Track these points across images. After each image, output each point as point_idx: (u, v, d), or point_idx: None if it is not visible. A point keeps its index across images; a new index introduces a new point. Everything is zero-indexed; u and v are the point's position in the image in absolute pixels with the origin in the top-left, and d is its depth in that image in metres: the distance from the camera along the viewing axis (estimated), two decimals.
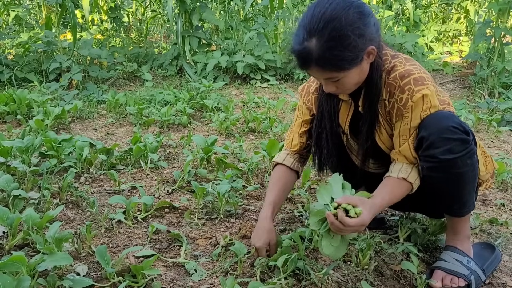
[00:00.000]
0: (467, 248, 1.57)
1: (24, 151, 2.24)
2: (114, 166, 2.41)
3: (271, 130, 3.19)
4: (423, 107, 1.42)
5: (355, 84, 1.43)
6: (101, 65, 4.58)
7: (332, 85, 1.42)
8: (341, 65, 1.34)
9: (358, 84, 1.45)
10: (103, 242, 1.66)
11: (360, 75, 1.42)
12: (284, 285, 1.41)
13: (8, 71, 4.17)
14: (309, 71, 1.40)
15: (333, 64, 1.33)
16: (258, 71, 4.87)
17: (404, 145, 1.46)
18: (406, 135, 1.45)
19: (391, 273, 1.56)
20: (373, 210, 1.35)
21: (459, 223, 1.57)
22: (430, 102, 1.42)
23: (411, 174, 1.46)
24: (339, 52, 1.31)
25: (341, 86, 1.42)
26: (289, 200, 2.11)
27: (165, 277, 1.47)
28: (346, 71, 1.36)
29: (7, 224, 1.51)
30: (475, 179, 1.48)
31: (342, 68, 1.35)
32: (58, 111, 3.08)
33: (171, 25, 5.75)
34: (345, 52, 1.31)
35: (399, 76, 1.44)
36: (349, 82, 1.41)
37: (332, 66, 1.34)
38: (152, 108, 3.54)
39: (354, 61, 1.34)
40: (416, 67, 1.46)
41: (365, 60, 1.38)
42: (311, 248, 1.65)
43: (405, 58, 1.49)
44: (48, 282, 1.32)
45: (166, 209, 1.96)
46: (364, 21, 1.33)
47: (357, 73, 1.40)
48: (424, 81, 1.42)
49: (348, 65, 1.34)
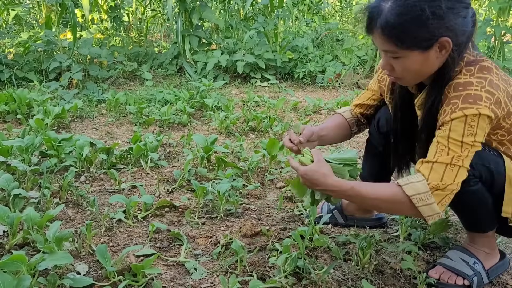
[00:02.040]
0: (480, 254, 1.52)
1: (24, 150, 2.24)
2: (114, 165, 2.41)
3: (271, 129, 3.19)
4: (464, 130, 1.23)
5: (413, 73, 1.30)
6: (101, 64, 4.58)
7: (388, 62, 1.31)
8: (403, 38, 1.22)
9: (417, 75, 1.32)
10: (103, 241, 1.66)
11: (423, 65, 1.27)
12: (285, 284, 1.41)
13: (8, 71, 4.17)
14: (373, 36, 1.28)
15: (395, 34, 1.22)
16: (258, 70, 4.87)
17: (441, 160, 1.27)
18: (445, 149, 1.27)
19: (392, 272, 1.56)
20: (318, 177, 1.32)
21: (474, 236, 1.54)
22: (472, 127, 1.23)
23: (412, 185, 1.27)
24: (407, 23, 1.20)
25: (398, 67, 1.29)
26: (289, 199, 2.11)
27: (166, 276, 1.47)
28: (407, 50, 1.24)
29: (7, 223, 1.51)
30: (476, 211, 1.43)
31: (403, 43, 1.22)
32: (58, 110, 3.08)
33: (171, 24, 5.75)
34: (412, 26, 1.20)
35: (454, 86, 1.28)
36: (407, 67, 1.28)
37: (394, 36, 1.22)
38: (152, 107, 3.54)
39: (420, 42, 1.22)
40: (481, 81, 1.24)
41: (434, 50, 1.24)
42: (312, 247, 1.66)
43: (479, 68, 1.28)
44: (48, 281, 1.32)
45: (167, 208, 1.96)
46: (452, 5, 1.19)
47: (419, 61, 1.26)
48: (477, 100, 1.22)
49: (411, 43, 1.22)
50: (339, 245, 1.70)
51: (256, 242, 1.71)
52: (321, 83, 4.77)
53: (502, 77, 1.30)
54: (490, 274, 1.53)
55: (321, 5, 7.34)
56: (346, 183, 1.34)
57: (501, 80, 1.29)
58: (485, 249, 1.53)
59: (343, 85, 4.73)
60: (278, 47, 5.07)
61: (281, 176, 2.35)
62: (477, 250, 1.53)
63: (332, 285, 1.45)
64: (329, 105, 3.86)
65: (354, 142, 3.06)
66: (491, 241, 1.53)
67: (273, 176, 2.35)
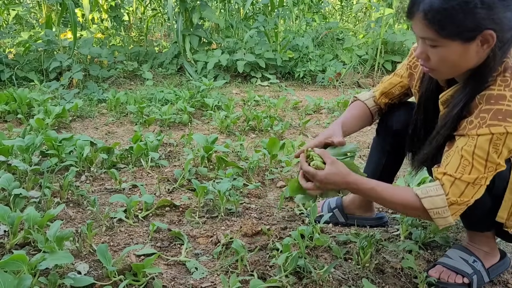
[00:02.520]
0: (480, 253, 1.52)
1: (25, 150, 2.24)
2: (114, 164, 2.41)
3: (271, 128, 3.19)
4: (489, 148, 1.20)
5: (449, 65, 1.22)
6: (102, 64, 4.58)
7: (425, 51, 1.23)
8: (446, 26, 1.14)
9: (452, 69, 1.24)
10: (104, 240, 1.67)
11: (461, 58, 1.19)
12: (285, 283, 1.41)
13: (8, 70, 4.17)
14: (413, 21, 1.21)
15: (438, 20, 1.14)
16: (258, 69, 4.87)
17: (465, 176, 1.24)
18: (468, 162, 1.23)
19: (392, 271, 1.56)
20: (339, 178, 1.32)
21: (473, 234, 1.54)
22: (497, 145, 1.19)
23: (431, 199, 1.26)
24: (453, 10, 1.12)
25: (434, 57, 1.22)
26: (289, 198, 2.11)
27: (166, 276, 1.47)
28: (447, 39, 1.16)
29: (8, 223, 1.52)
30: (481, 210, 1.38)
31: (445, 30, 1.15)
32: (59, 110, 3.08)
33: (171, 24, 5.75)
34: (458, 13, 1.12)
35: (486, 98, 1.21)
36: (445, 57, 1.20)
37: (437, 22, 1.14)
38: (153, 106, 3.54)
39: (463, 32, 1.14)
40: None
41: (476, 43, 1.16)
42: (312, 246, 1.66)
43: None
44: (49, 281, 1.32)
45: (167, 208, 1.96)
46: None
47: (458, 53, 1.18)
48: (507, 117, 1.17)
49: (453, 32, 1.14)
50: (339, 244, 1.70)
51: (256, 241, 1.71)
52: (322, 82, 4.77)
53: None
54: (491, 273, 1.53)
55: (322, 4, 7.34)
56: (367, 182, 1.35)
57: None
58: (484, 248, 1.53)
59: (343, 84, 4.73)
60: (278, 46, 5.07)
61: (282, 176, 2.35)
62: (476, 249, 1.53)
63: (332, 284, 1.45)
64: (329, 104, 3.86)
65: (354, 140, 3.06)
66: (491, 240, 1.53)
67: (273, 175, 2.35)
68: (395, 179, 2.24)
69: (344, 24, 7.53)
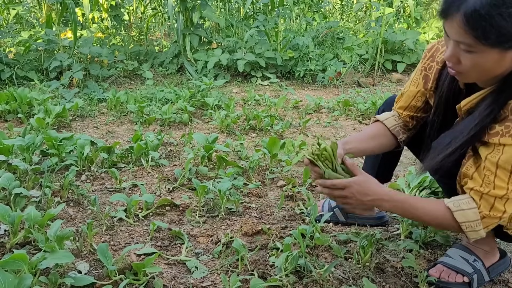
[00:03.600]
0: (480, 252, 1.52)
1: (25, 149, 2.24)
2: (115, 164, 2.41)
3: (272, 128, 3.19)
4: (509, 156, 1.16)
5: (481, 71, 1.14)
6: (102, 64, 4.58)
7: (456, 55, 1.14)
8: (490, 34, 1.04)
9: (483, 75, 1.16)
10: (104, 240, 1.67)
11: (495, 66, 1.11)
12: (286, 282, 1.41)
13: (9, 70, 4.17)
14: (448, 22, 1.10)
15: (482, 26, 1.04)
16: (258, 69, 4.87)
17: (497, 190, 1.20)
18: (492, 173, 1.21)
19: (393, 270, 1.56)
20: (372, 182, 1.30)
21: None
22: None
23: (463, 213, 1.24)
24: (500, 17, 1.02)
25: (467, 63, 1.13)
26: (290, 197, 2.11)
27: (167, 275, 1.47)
28: (486, 46, 1.07)
29: (8, 222, 1.52)
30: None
31: (487, 39, 1.05)
32: (59, 109, 3.08)
33: (171, 23, 5.75)
34: (504, 21, 1.02)
35: (511, 108, 1.16)
36: (479, 64, 1.12)
37: (480, 28, 1.04)
38: (153, 106, 3.54)
39: (506, 41, 1.05)
40: None
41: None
42: (313, 246, 1.66)
43: None
44: (49, 280, 1.32)
45: (167, 207, 1.96)
46: None
47: (494, 60, 1.10)
48: None
49: (496, 40, 1.05)
50: (340, 244, 1.70)
51: (257, 240, 1.71)
52: (322, 81, 4.77)
53: None
54: (491, 272, 1.53)
55: (322, 4, 7.34)
56: (399, 195, 1.32)
57: None
58: (484, 247, 1.53)
59: (343, 84, 4.73)
60: (278, 45, 5.07)
61: (282, 175, 2.35)
62: (476, 248, 1.53)
63: (333, 283, 1.45)
64: (329, 104, 3.85)
65: None
66: (491, 240, 1.53)
67: (274, 174, 2.35)
68: (395, 179, 2.24)
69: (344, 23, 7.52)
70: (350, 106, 3.72)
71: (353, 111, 3.67)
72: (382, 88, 4.65)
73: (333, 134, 3.17)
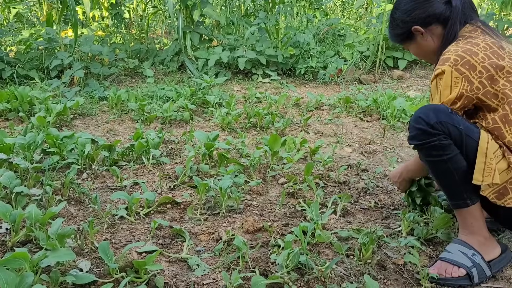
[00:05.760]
0: (475, 243, 1.53)
1: (26, 148, 2.24)
2: (116, 162, 2.41)
3: (273, 125, 3.18)
4: (437, 88, 1.52)
5: (422, 56, 1.75)
6: (103, 62, 4.58)
7: (412, 52, 1.78)
8: (394, 39, 1.76)
9: (426, 57, 1.73)
10: (105, 238, 1.67)
11: (420, 49, 1.71)
12: (287, 279, 1.41)
13: (9, 69, 4.17)
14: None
15: (391, 38, 1.77)
16: (259, 66, 4.86)
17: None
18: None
19: (394, 267, 1.56)
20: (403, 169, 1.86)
21: (461, 217, 1.55)
22: (441, 83, 1.51)
23: None
24: (391, 30, 1.75)
25: (414, 54, 1.77)
26: (291, 195, 2.11)
27: (168, 273, 1.47)
28: (404, 44, 1.74)
29: (10, 221, 1.52)
30: (452, 175, 1.49)
31: (398, 42, 1.75)
32: (60, 108, 3.08)
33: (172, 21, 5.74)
34: (393, 31, 1.74)
35: (441, 58, 1.55)
36: (415, 53, 1.75)
37: (392, 39, 1.78)
38: (154, 104, 3.54)
39: (401, 37, 1.71)
40: (457, 49, 1.51)
41: (417, 36, 1.67)
42: (314, 243, 1.65)
43: (466, 41, 1.54)
44: (51, 278, 1.32)
45: (169, 205, 1.96)
46: (415, 3, 1.62)
47: (415, 47, 1.71)
48: (445, 62, 1.50)
49: (401, 40, 1.73)
50: (341, 241, 1.70)
51: (258, 238, 1.70)
52: (323, 78, 4.76)
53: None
54: (493, 267, 1.53)
55: (323, 1, 7.31)
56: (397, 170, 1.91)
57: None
58: (477, 237, 1.53)
59: (345, 81, 4.72)
60: (279, 43, 5.06)
61: (283, 172, 2.35)
62: (471, 239, 1.53)
63: (334, 280, 1.45)
64: (330, 101, 3.85)
65: (355, 137, 3.05)
66: (480, 225, 1.53)
67: (275, 172, 2.35)
68: None
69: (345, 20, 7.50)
70: (351, 103, 3.71)
71: (355, 108, 3.66)
72: (383, 85, 4.64)
73: (334, 131, 3.17)
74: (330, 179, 2.32)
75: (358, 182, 2.29)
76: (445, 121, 1.46)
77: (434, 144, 1.47)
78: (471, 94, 1.49)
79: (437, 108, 1.49)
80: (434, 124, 1.46)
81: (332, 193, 2.15)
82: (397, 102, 3.43)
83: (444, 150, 1.48)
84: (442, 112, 1.47)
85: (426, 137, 1.48)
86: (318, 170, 2.42)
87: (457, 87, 1.48)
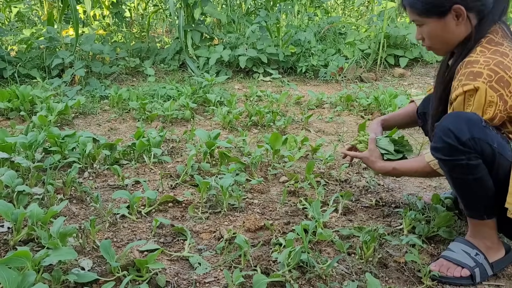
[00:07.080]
0: (482, 246, 1.50)
1: (27, 147, 2.24)
2: (117, 161, 2.41)
3: (274, 123, 3.18)
4: (464, 104, 1.39)
5: (438, 40, 1.50)
6: (104, 61, 4.58)
7: (419, 32, 1.54)
8: (419, 6, 1.46)
9: (443, 43, 1.50)
10: (107, 236, 1.67)
11: (443, 32, 1.47)
12: (289, 277, 1.41)
13: (11, 68, 4.18)
14: (406, 12, 1.53)
15: (413, 3, 1.47)
16: (260, 64, 4.86)
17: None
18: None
19: (396, 265, 1.56)
20: (369, 163, 1.77)
21: (472, 223, 1.51)
22: (471, 100, 1.37)
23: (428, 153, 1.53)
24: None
25: (425, 35, 1.52)
26: (292, 193, 2.11)
27: (170, 271, 1.47)
28: (425, 18, 1.47)
29: (11, 220, 1.52)
30: (474, 194, 1.41)
31: (421, 11, 1.46)
32: (61, 107, 3.08)
33: (173, 20, 5.74)
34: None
35: (464, 63, 1.42)
36: (430, 33, 1.49)
37: (413, 5, 1.48)
38: (155, 103, 3.54)
39: (433, 9, 1.43)
40: (488, 61, 1.36)
41: (451, 17, 1.43)
42: (315, 241, 1.65)
43: (493, 49, 1.39)
44: (53, 277, 1.33)
45: (170, 204, 1.96)
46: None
47: (439, 27, 1.46)
48: (477, 77, 1.35)
49: (426, 10, 1.45)
50: (342, 239, 1.70)
51: (259, 236, 1.71)
52: (324, 77, 4.75)
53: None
54: (495, 267, 1.52)
55: None
56: (388, 165, 1.71)
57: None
58: (486, 241, 1.51)
59: (346, 79, 4.71)
60: (280, 41, 5.05)
61: (284, 171, 2.35)
62: (478, 242, 1.51)
63: (336, 278, 1.45)
64: (332, 99, 3.84)
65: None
66: (492, 233, 1.50)
67: (276, 170, 2.35)
68: None
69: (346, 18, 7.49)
70: (352, 101, 3.71)
71: (356, 106, 3.66)
72: (384, 83, 4.63)
73: (335, 129, 3.17)
74: (331, 178, 2.32)
75: (360, 180, 2.29)
76: (478, 137, 1.32)
77: (460, 164, 1.35)
78: (504, 113, 1.38)
79: (471, 120, 1.34)
80: (466, 141, 1.32)
81: (333, 192, 2.15)
82: (398, 100, 3.43)
83: (470, 170, 1.36)
84: (476, 126, 1.33)
85: (453, 154, 1.35)
86: (320, 169, 2.42)
87: (492, 108, 1.35)
